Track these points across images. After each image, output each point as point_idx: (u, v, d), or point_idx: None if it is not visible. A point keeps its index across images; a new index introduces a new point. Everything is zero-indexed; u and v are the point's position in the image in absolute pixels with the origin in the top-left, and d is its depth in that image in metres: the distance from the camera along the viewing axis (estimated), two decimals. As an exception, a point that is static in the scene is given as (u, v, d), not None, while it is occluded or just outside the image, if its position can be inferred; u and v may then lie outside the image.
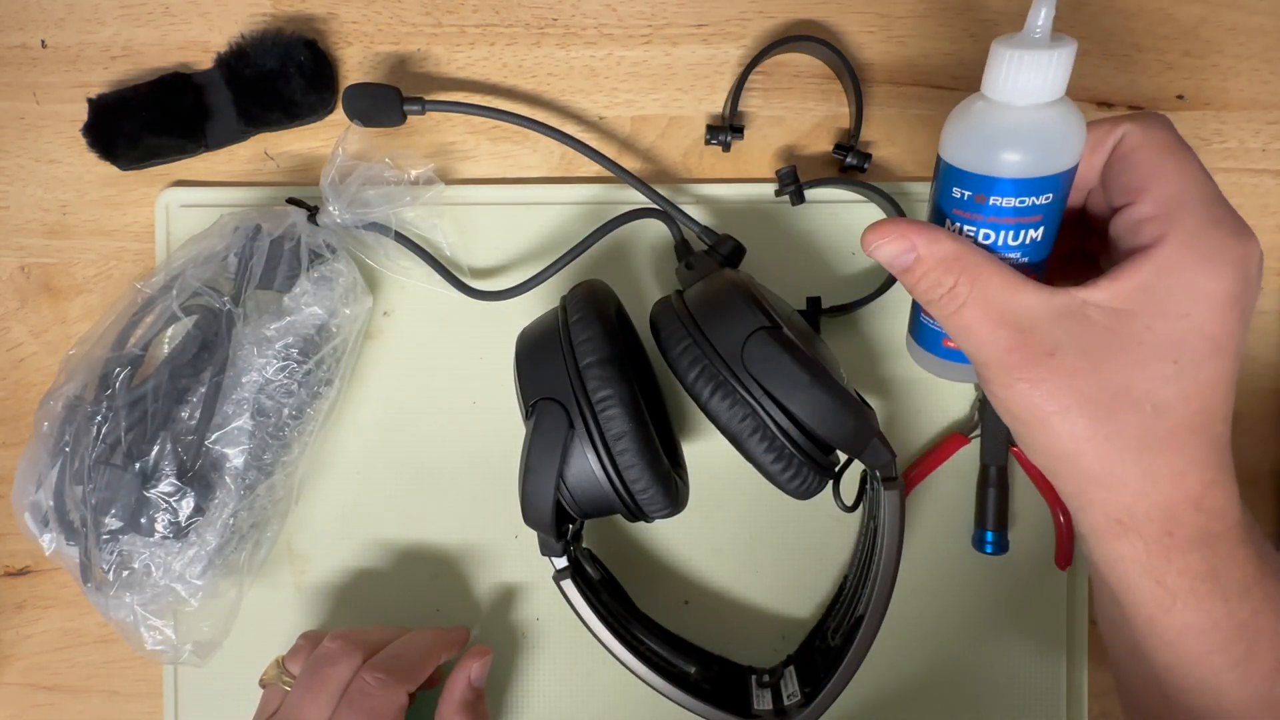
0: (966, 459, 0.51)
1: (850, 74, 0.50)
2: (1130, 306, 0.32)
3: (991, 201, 0.33)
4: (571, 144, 0.48)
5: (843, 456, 0.43)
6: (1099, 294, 0.32)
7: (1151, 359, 0.32)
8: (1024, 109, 0.32)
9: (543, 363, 0.41)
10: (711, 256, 0.46)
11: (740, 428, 0.38)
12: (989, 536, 0.49)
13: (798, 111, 0.52)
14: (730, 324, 0.39)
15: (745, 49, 0.52)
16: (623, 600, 0.49)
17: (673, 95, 0.53)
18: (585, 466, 0.40)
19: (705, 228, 0.47)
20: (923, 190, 0.51)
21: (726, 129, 0.51)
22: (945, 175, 0.34)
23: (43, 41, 0.53)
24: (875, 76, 0.52)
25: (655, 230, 0.51)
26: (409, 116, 0.50)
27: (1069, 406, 0.32)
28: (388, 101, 0.48)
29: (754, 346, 0.38)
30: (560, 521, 0.42)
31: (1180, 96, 0.52)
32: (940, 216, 0.35)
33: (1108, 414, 0.32)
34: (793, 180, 0.49)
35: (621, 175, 0.48)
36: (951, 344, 0.38)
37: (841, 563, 0.51)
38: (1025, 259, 0.35)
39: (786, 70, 0.52)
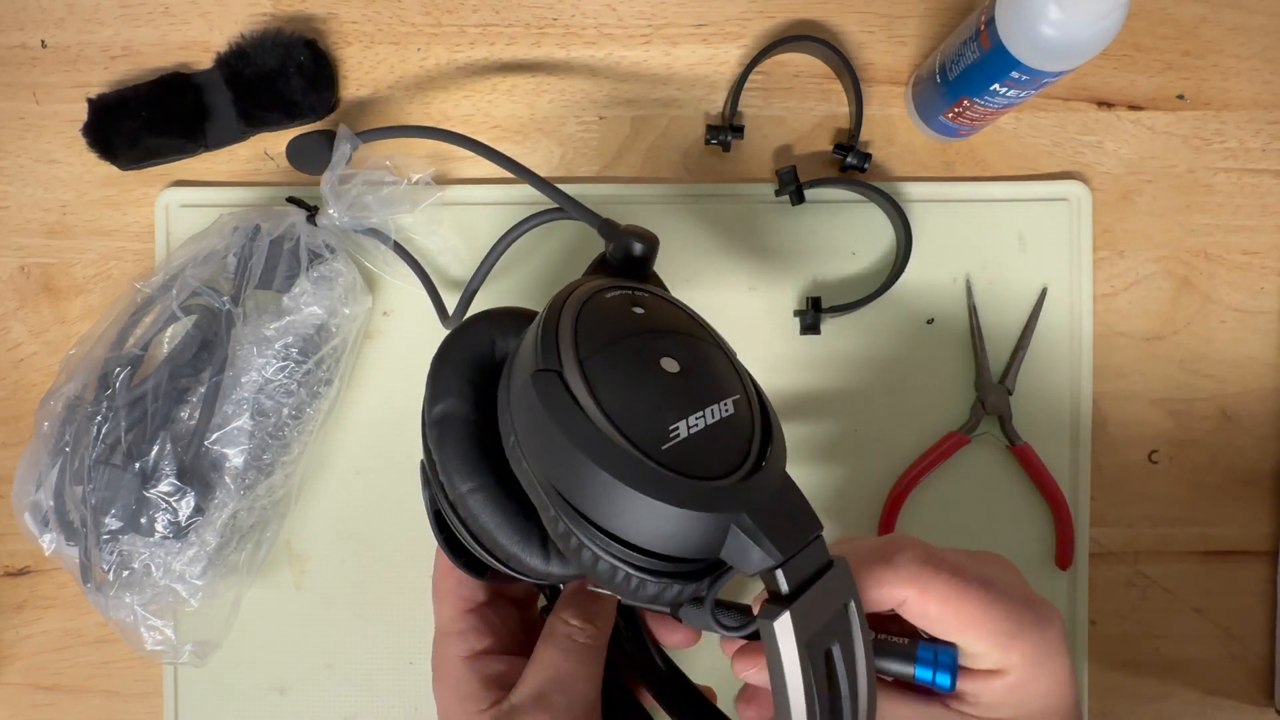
0: (966, 459, 0.51)
1: (850, 74, 0.50)
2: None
3: (1038, 80, 0.43)
4: (500, 162, 0.45)
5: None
6: None
7: None
8: (1087, 39, 0.40)
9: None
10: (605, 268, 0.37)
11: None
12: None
13: (798, 111, 0.52)
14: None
15: (745, 49, 0.52)
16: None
17: (673, 95, 0.53)
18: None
19: (612, 228, 0.38)
20: (922, 190, 0.51)
21: (726, 129, 0.51)
22: (1011, 64, 0.43)
23: (43, 41, 0.53)
24: (875, 76, 0.52)
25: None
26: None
27: None
28: (321, 146, 0.48)
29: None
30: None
31: (1180, 96, 0.52)
32: (989, 83, 0.45)
33: None
34: (793, 180, 0.49)
35: (531, 181, 0.43)
36: None
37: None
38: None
39: (786, 70, 0.52)
